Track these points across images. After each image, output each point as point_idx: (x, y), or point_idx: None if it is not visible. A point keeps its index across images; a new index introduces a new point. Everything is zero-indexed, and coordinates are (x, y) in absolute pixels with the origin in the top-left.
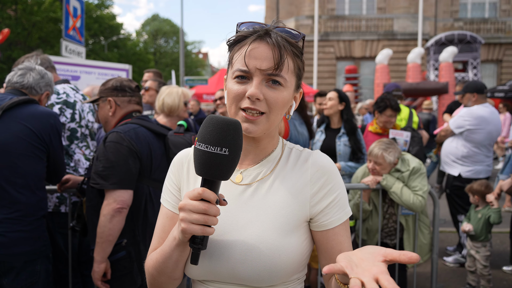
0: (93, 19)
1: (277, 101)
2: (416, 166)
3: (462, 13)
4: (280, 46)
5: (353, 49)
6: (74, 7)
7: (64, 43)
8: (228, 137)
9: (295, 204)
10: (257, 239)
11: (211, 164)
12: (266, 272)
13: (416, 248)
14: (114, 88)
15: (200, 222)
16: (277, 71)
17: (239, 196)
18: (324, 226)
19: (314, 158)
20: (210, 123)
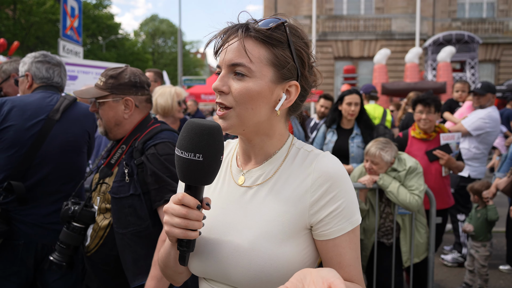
0: (91, 19)
1: (241, 93)
2: (413, 165)
3: (460, 13)
4: (237, 36)
5: (351, 49)
6: (71, 7)
7: (61, 43)
8: (201, 143)
9: (293, 212)
10: (250, 246)
11: (188, 170)
12: (257, 280)
13: (413, 247)
14: (133, 84)
15: (181, 226)
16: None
17: (240, 198)
18: (323, 236)
19: (318, 162)
20: (185, 128)
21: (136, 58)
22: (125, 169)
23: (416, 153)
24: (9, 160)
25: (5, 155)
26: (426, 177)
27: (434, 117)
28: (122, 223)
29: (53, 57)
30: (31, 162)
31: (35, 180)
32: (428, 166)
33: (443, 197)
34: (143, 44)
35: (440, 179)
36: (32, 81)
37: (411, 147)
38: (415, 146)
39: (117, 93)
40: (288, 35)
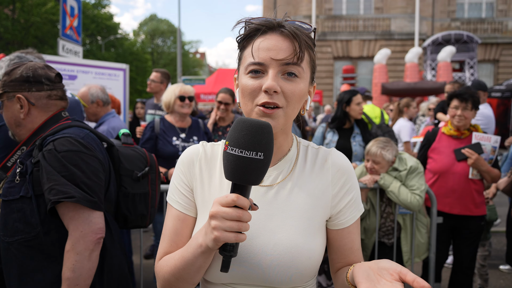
0: (90, 19)
1: (295, 93)
2: (414, 165)
3: (459, 13)
4: (295, 35)
5: (350, 49)
6: (71, 6)
7: (61, 42)
8: (263, 141)
9: (318, 206)
10: (288, 244)
11: (245, 169)
12: (298, 276)
13: (414, 247)
14: (25, 79)
15: (234, 229)
16: (298, 61)
17: (262, 198)
18: (340, 225)
19: (333, 157)
20: (243, 126)
21: (135, 58)
22: (17, 168)
23: (444, 149)
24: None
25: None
26: (448, 177)
27: (470, 114)
28: (9, 231)
29: (28, 58)
30: None
31: None
32: (453, 165)
33: (465, 202)
34: (142, 44)
35: (465, 181)
36: None
37: (438, 142)
38: (444, 142)
39: (9, 90)
40: (314, 40)
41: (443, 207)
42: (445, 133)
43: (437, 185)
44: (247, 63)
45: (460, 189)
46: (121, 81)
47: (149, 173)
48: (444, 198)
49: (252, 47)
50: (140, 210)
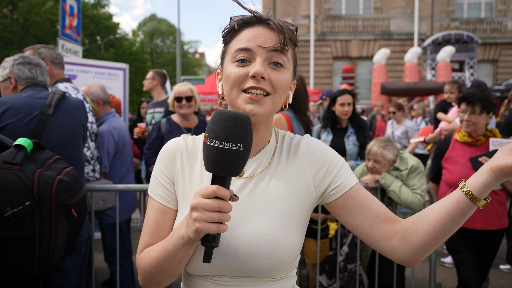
0: (89, 19)
1: (281, 82)
2: (415, 164)
3: (458, 13)
4: (283, 28)
5: (349, 49)
6: (70, 6)
7: (60, 42)
8: (242, 132)
9: (299, 190)
10: (265, 232)
11: (225, 160)
12: (276, 263)
13: None
14: None
15: (215, 220)
16: (283, 50)
17: (241, 189)
18: (341, 190)
19: (305, 142)
20: (222, 118)
21: (135, 58)
22: None
23: (459, 158)
24: None
25: None
26: None
27: (479, 119)
28: None
29: (32, 58)
30: None
31: None
32: (470, 175)
33: (487, 215)
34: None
35: None
36: (16, 82)
37: (452, 151)
38: (458, 150)
39: None
40: (296, 38)
41: None
42: (459, 140)
43: None
44: (234, 50)
45: None
46: (121, 80)
47: (36, 208)
48: None
49: (240, 37)
50: (14, 258)
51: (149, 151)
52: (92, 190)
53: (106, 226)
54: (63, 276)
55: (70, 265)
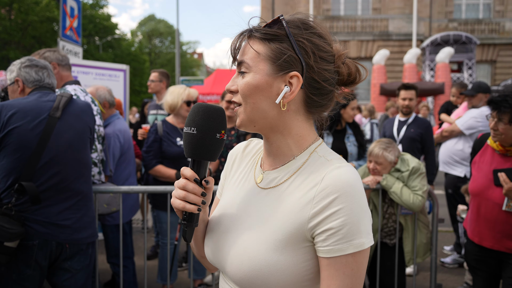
0: (87, 19)
1: (242, 88)
2: (416, 166)
3: (456, 14)
4: (239, 37)
5: (348, 49)
6: (71, 7)
7: (61, 43)
8: (196, 118)
9: (294, 221)
10: (252, 248)
11: (186, 143)
12: (246, 279)
13: (416, 248)
14: None
15: (180, 197)
16: (235, 58)
17: (253, 198)
18: (320, 252)
19: (329, 172)
20: (191, 109)
21: (133, 59)
22: None
23: (484, 166)
24: (18, 163)
25: (12, 157)
26: (481, 202)
27: (507, 131)
28: None
29: (39, 61)
30: (39, 161)
31: (46, 178)
32: (490, 188)
33: (500, 236)
34: (140, 44)
35: (500, 211)
36: (24, 85)
37: (481, 156)
38: (487, 157)
39: None
40: (286, 28)
41: (473, 236)
42: (490, 145)
43: (471, 207)
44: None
45: (493, 219)
46: (121, 82)
47: None
48: (475, 225)
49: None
50: None
51: (148, 154)
52: (97, 191)
53: (109, 228)
54: (70, 278)
55: (77, 266)
